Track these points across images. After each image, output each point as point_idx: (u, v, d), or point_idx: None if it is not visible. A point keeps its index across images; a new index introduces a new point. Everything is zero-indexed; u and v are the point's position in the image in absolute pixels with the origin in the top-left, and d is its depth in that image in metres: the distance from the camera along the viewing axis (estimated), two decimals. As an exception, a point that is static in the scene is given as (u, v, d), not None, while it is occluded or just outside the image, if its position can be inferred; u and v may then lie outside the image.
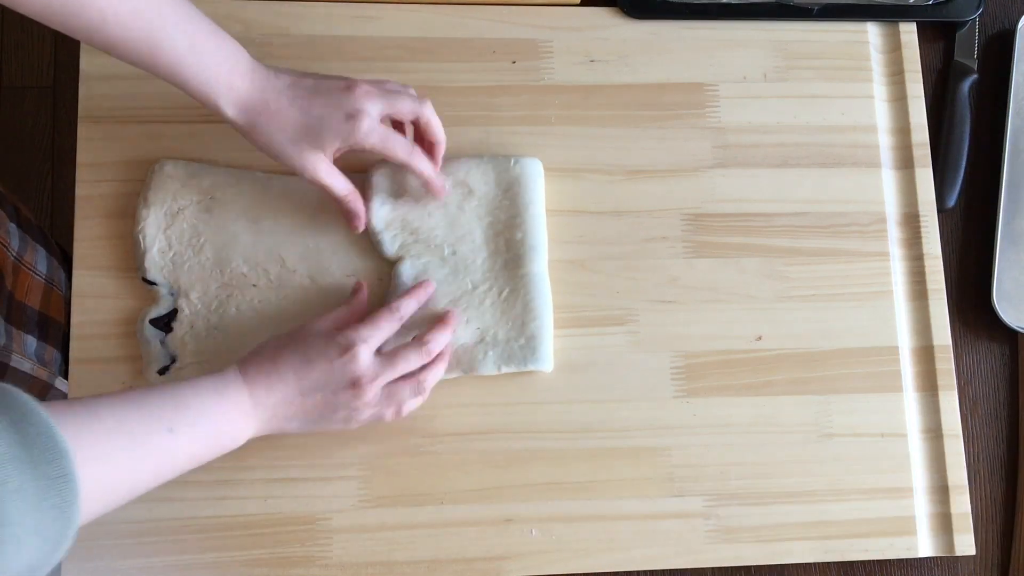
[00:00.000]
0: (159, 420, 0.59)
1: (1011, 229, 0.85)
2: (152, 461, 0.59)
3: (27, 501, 0.48)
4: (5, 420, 0.49)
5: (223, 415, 0.63)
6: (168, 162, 0.78)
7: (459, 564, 0.75)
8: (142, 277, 0.76)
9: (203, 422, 0.62)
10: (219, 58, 0.67)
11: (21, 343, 0.83)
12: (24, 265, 0.84)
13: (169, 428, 0.59)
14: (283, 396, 0.66)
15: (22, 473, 0.48)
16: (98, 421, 0.56)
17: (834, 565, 0.79)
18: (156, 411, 0.60)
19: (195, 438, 0.61)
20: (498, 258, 0.78)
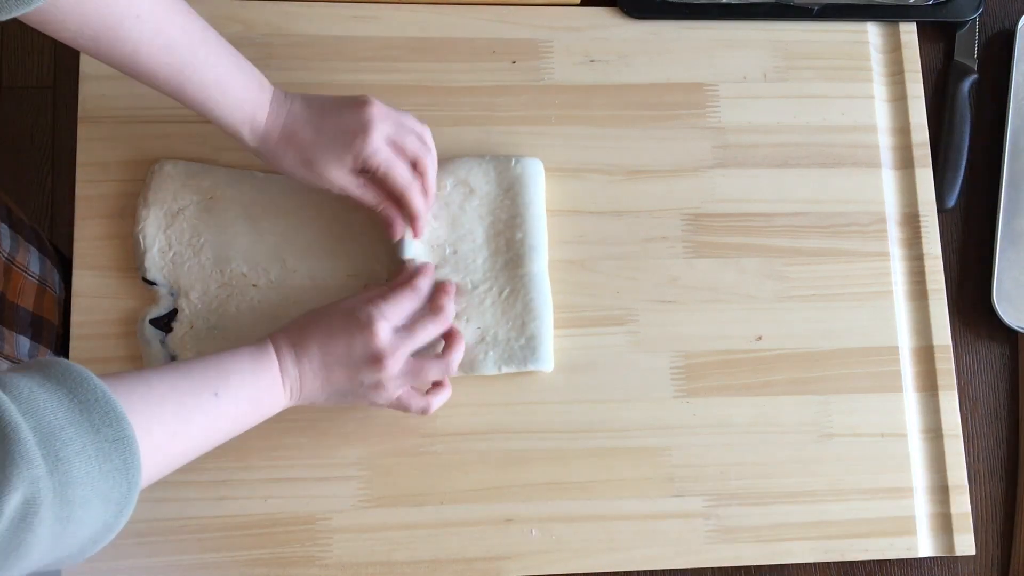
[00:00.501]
0: (205, 385, 0.63)
1: (1011, 229, 0.85)
2: (201, 423, 0.62)
3: (91, 463, 0.50)
4: (63, 389, 0.51)
5: (260, 382, 0.66)
6: (168, 162, 0.78)
7: (459, 564, 0.75)
8: (142, 277, 0.76)
9: (244, 387, 0.65)
10: (243, 92, 0.69)
11: (13, 344, 0.83)
12: (16, 266, 0.84)
13: (215, 392, 0.63)
14: (309, 369, 0.68)
15: (83, 436, 0.50)
16: (149, 388, 0.59)
17: (834, 565, 0.79)
18: (201, 377, 0.63)
19: (238, 402, 0.65)
20: (498, 258, 0.78)
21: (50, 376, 0.52)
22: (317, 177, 0.72)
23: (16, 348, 0.83)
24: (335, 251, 0.78)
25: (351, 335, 0.68)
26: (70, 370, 0.52)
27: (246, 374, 0.65)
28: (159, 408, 0.59)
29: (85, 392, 0.52)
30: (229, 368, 0.65)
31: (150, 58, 0.66)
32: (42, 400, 0.50)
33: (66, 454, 0.49)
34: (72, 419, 0.50)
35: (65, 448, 0.49)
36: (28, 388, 0.50)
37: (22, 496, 0.46)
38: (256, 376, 0.66)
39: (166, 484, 0.73)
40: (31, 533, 0.47)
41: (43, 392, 0.50)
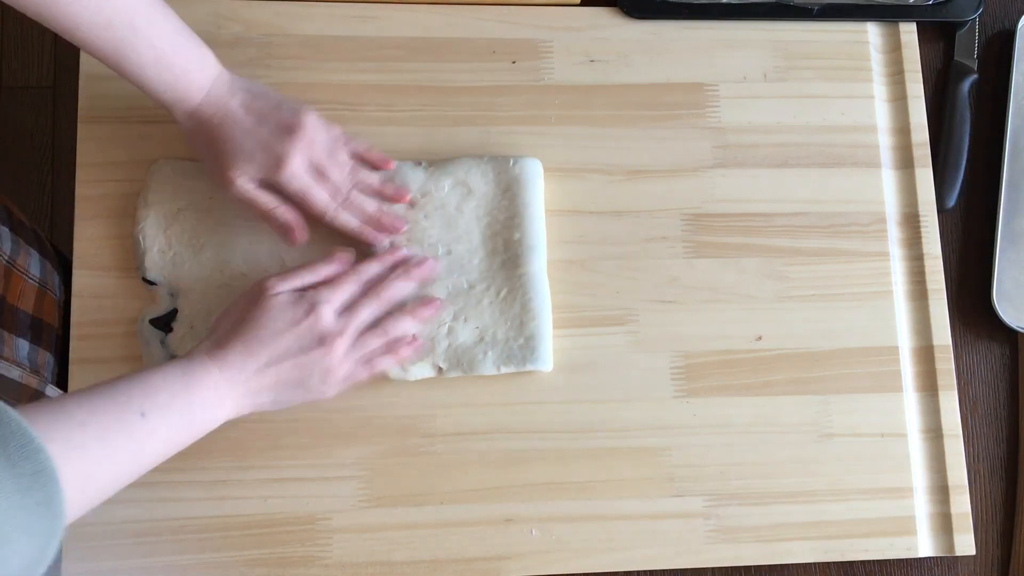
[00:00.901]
0: (129, 405, 0.59)
1: (1011, 229, 0.85)
2: (129, 448, 0.59)
3: (8, 500, 0.48)
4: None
5: (194, 397, 0.63)
6: (167, 162, 0.78)
7: (459, 564, 0.75)
8: (142, 277, 0.76)
9: (175, 404, 0.62)
10: (179, 71, 0.69)
11: (13, 347, 0.83)
12: (17, 269, 0.84)
13: (141, 412, 0.59)
14: (255, 369, 0.65)
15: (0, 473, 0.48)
16: (68, 415, 0.56)
17: (834, 565, 0.79)
18: (125, 397, 0.60)
19: (169, 422, 0.61)
20: (496, 258, 0.78)
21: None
22: (220, 177, 0.72)
23: (15, 351, 0.83)
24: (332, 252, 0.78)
25: (296, 324, 0.67)
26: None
27: (176, 389, 0.62)
28: (79, 434, 0.56)
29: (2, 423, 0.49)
30: (155, 385, 0.61)
31: (90, 32, 0.65)
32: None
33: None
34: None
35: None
36: None
37: None
38: (188, 390, 0.63)
39: (166, 484, 0.73)
40: None
41: None
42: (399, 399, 0.77)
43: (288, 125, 0.71)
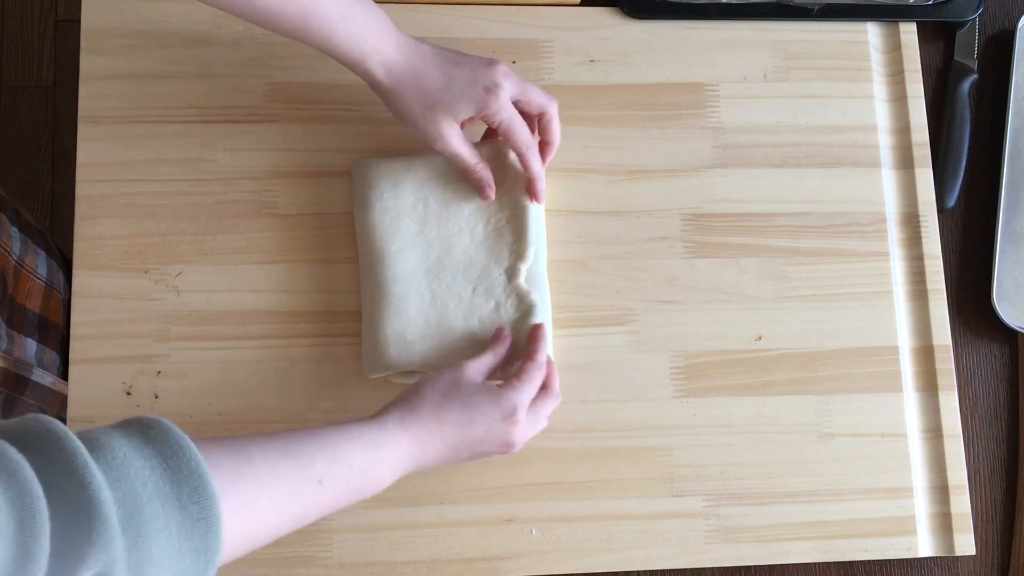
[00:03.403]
0: (310, 471, 0.58)
1: (1011, 229, 0.85)
2: (296, 510, 0.58)
3: (172, 541, 0.47)
4: (158, 457, 0.49)
5: (374, 467, 0.62)
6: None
7: (459, 564, 0.75)
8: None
9: (354, 474, 0.61)
10: (368, 24, 0.69)
11: (22, 347, 0.83)
12: (25, 268, 0.84)
13: (319, 480, 0.58)
14: (438, 451, 0.66)
15: (168, 512, 0.48)
16: (250, 466, 0.55)
17: (834, 565, 0.79)
18: (308, 461, 0.58)
19: (343, 489, 0.61)
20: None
21: (148, 439, 0.49)
22: (431, 124, 0.72)
23: (24, 350, 0.83)
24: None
25: (491, 422, 0.67)
26: (169, 435, 0.50)
27: (361, 459, 0.61)
28: (256, 491, 0.55)
29: (179, 462, 0.49)
30: (343, 452, 0.61)
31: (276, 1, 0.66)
32: (135, 468, 0.48)
33: (147, 530, 0.46)
34: (160, 492, 0.48)
35: (148, 524, 0.47)
36: (123, 452, 0.48)
37: (96, 573, 0.45)
38: (373, 462, 0.62)
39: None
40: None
41: (137, 458, 0.48)
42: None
43: (486, 60, 0.73)
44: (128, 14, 0.81)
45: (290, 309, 0.78)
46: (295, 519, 0.58)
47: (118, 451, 0.48)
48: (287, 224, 0.79)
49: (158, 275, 0.77)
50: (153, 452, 0.49)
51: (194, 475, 0.49)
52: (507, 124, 0.73)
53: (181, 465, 0.49)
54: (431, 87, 0.71)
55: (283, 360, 0.77)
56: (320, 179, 0.80)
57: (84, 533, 0.44)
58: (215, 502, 0.49)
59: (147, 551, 0.46)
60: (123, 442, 0.48)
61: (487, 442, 0.67)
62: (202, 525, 0.49)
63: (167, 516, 0.47)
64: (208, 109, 0.81)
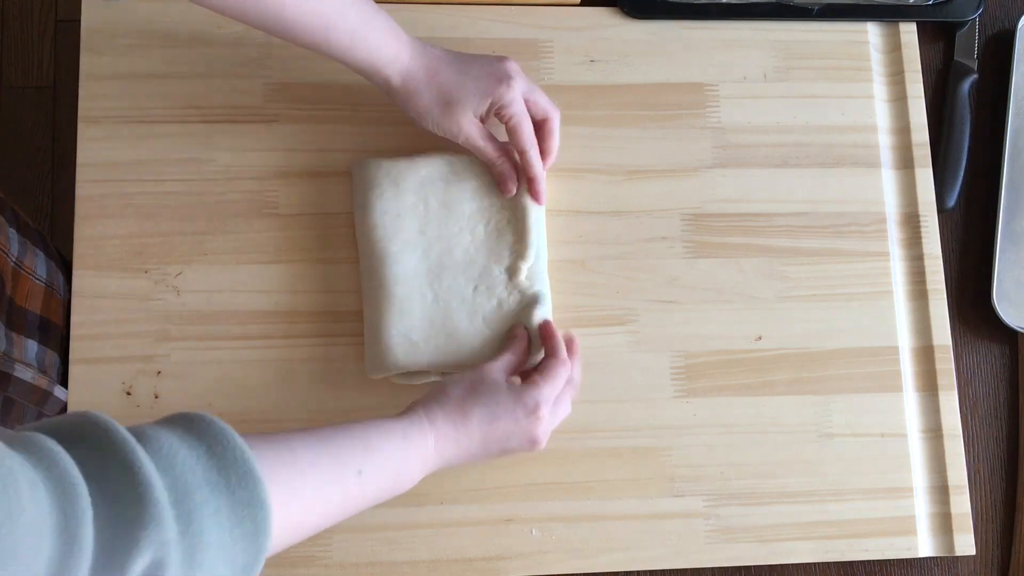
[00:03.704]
0: (351, 461, 0.60)
1: (1011, 229, 0.85)
2: (338, 500, 0.60)
3: (223, 526, 0.48)
4: (203, 445, 0.50)
5: (406, 460, 0.64)
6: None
7: (459, 564, 0.75)
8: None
9: (390, 466, 0.63)
10: (385, 34, 0.72)
11: (22, 348, 0.83)
12: (24, 270, 0.84)
13: (359, 471, 0.60)
14: (466, 448, 0.67)
15: (218, 498, 0.49)
16: (293, 456, 0.57)
17: (834, 565, 0.79)
18: (348, 452, 0.61)
19: (380, 480, 0.62)
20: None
21: (191, 430, 0.50)
22: (451, 120, 0.74)
23: (24, 352, 0.83)
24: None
25: (516, 419, 0.68)
26: (212, 426, 0.51)
27: (394, 451, 0.63)
28: (300, 480, 0.56)
29: (224, 450, 0.50)
30: (379, 444, 0.63)
31: (296, 9, 0.68)
32: (181, 456, 0.48)
33: (199, 515, 0.47)
34: (209, 478, 0.49)
35: (198, 509, 0.47)
36: (169, 443, 0.49)
37: (150, 559, 0.45)
38: (405, 454, 0.64)
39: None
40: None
41: (183, 448, 0.49)
42: (401, 400, 0.76)
43: (497, 56, 0.75)
44: (128, 14, 0.81)
45: (290, 309, 0.78)
46: (337, 509, 0.60)
47: (164, 441, 0.48)
48: (287, 224, 0.79)
49: (158, 275, 0.77)
50: (198, 442, 0.50)
51: (240, 462, 0.50)
52: (517, 118, 0.74)
53: (227, 453, 0.50)
54: (447, 85, 0.73)
55: (283, 360, 0.77)
56: (320, 179, 0.80)
57: (136, 518, 0.45)
58: (262, 486, 0.50)
59: (200, 535, 0.47)
60: (168, 434, 0.49)
61: (512, 438, 0.68)
62: (252, 510, 0.49)
63: (217, 501, 0.48)
64: (208, 109, 0.81)
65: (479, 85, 0.73)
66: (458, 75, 0.73)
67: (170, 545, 0.45)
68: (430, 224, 0.77)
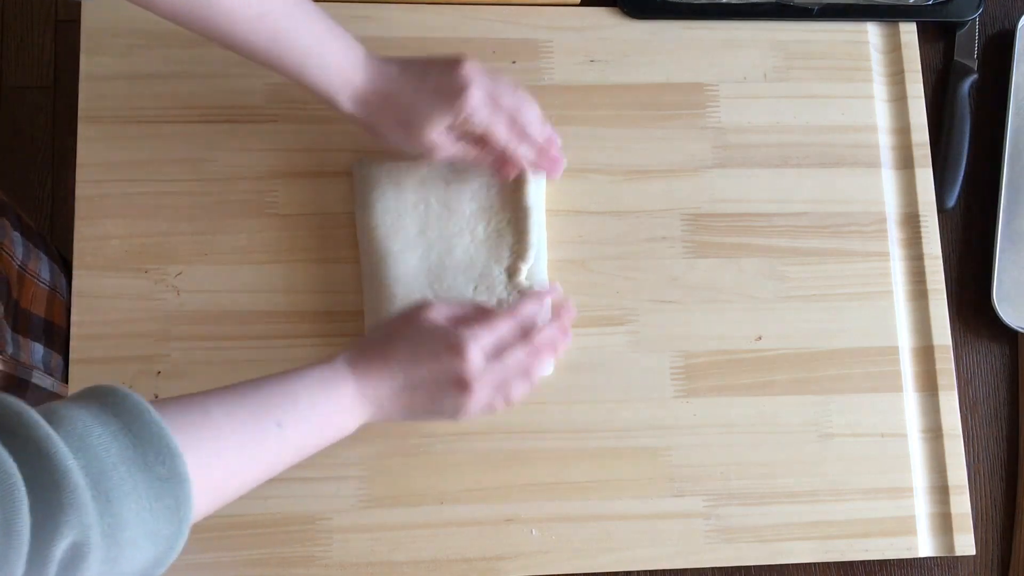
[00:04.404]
0: (268, 415, 0.59)
1: (1011, 229, 0.85)
2: (261, 457, 0.59)
3: (141, 502, 0.48)
4: (118, 422, 0.49)
5: (331, 406, 0.62)
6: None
7: (459, 564, 0.75)
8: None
9: (312, 415, 0.61)
10: (339, 56, 0.69)
11: (29, 352, 0.83)
12: (29, 273, 0.84)
13: (278, 423, 0.59)
14: (390, 389, 0.64)
15: (135, 475, 0.48)
16: (209, 419, 0.56)
17: (834, 565, 0.79)
18: (265, 406, 0.59)
19: (304, 431, 0.61)
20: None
21: (106, 407, 0.50)
22: (414, 139, 0.71)
23: (31, 355, 0.83)
24: None
25: (437, 357, 0.63)
26: (126, 400, 0.51)
27: (316, 399, 0.61)
28: (216, 443, 0.56)
29: (140, 425, 0.50)
30: (296, 393, 0.61)
31: (246, 25, 0.66)
32: (96, 435, 0.48)
33: (117, 495, 0.47)
34: (125, 456, 0.48)
35: (116, 488, 0.47)
36: (83, 423, 0.48)
37: (70, 542, 0.45)
38: (328, 400, 0.62)
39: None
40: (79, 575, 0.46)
41: (97, 426, 0.49)
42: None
43: (449, 62, 0.71)
44: (128, 14, 0.81)
45: (290, 309, 0.78)
46: (264, 466, 0.59)
47: (77, 421, 0.48)
48: (287, 224, 0.79)
49: (158, 275, 0.78)
50: (112, 418, 0.49)
51: (156, 436, 0.50)
52: (485, 124, 0.71)
53: (142, 428, 0.50)
54: (403, 108, 0.70)
55: (283, 360, 0.77)
56: (320, 179, 0.80)
57: (56, 503, 0.45)
58: (180, 460, 0.50)
59: (119, 514, 0.47)
60: (81, 412, 0.49)
61: (437, 381, 0.64)
62: (170, 484, 0.50)
63: (134, 479, 0.48)
64: (208, 109, 0.81)
65: (436, 101, 0.70)
66: (414, 93, 0.70)
67: (91, 527, 0.46)
68: (431, 224, 0.77)
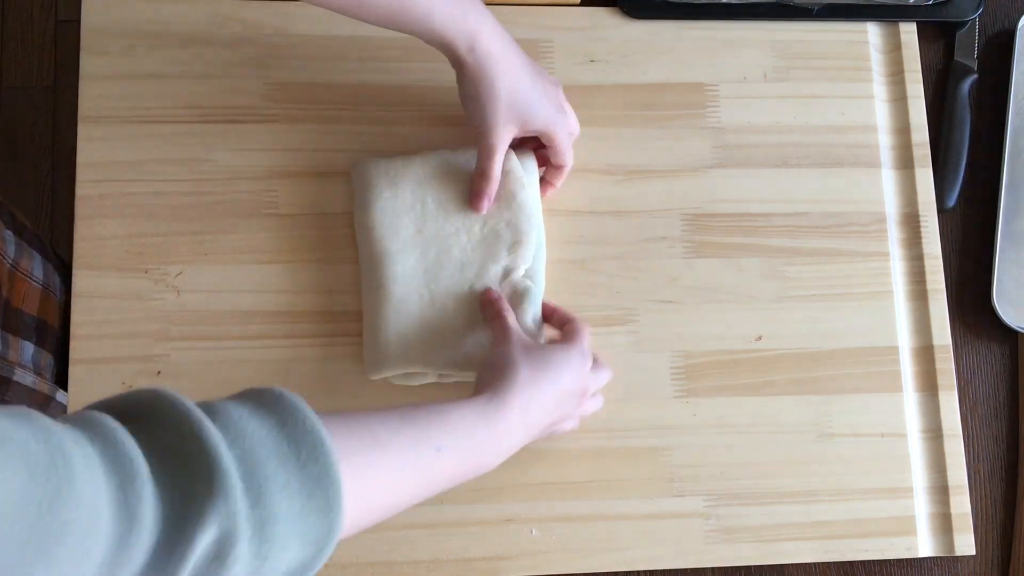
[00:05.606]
0: (428, 438, 0.58)
1: (1011, 229, 0.85)
2: (416, 478, 0.58)
3: (293, 500, 0.47)
4: (274, 418, 0.48)
5: (489, 438, 0.63)
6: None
7: (459, 564, 0.75)
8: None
9: (469, 445, 0.61)
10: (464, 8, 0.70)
11: (19, 350, 0.83)
12: (20, 272, 0.84)
13: (437, 447, 0.58)
14: (539, 417, 0.66)
15: (288, 470, 0.47)
16: (369, 432, 0.55)
17: (834, 565, 0.79)
18: (425, 428, 0.58)
19: (460, 459, 0.61)
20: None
21: (262, 403, 0.49)
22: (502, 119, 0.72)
23: (21, 354, 0.83)
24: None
25: (573, 370, 0.69)
26: (283, 399, 0.50)
27: (476, 429, 0.61)
28: (375, 455, 0.55)
29: (296, 423, 0.49)
30: (455, 422, 0.60)
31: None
32: (251, 429, 0.47)
33: (269, 487, 0.46)
34: (279, 451, 0.47)
35: (269, 481, 0.46)
36: (238, 416, 0.47)
37: (218, 531, 0.44)
38: (486, 431, 0.62)
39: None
40: (226, 571, 0.44)
41: (253, 420, 0.48)
42: (400, 401, 0.77)
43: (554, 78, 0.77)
44: (128, 14, 0.81)
45: (290, 309, 0.78)
46: (416, 488, 0.58)
47: (234, 414, 0.47)
48: (287, 224, 0.79)
49: (158, 275, 0.78)
50: (268, 414, 0.48)
51: (311, 435, 0.48)
52: (565, 144, 0.76)
53: (298, 427, 0.48)
54: (521, 84, 0.72)
55: (283, 360, 0.77)
56: (320, 179, 0.80)
57: (203, 490, 0.43)
58: (334, 462, 0.48)
59: (270, 508, 0.46)
60: (237, 407, 0.48)
61: (570, 396, 0.69)
62: (323, 484, 0.48)
63: (288, 475, 0.47)
64: (208, 109, 0.81)
65: (544, 104, 0.73)
66: (531, 83, 0.73)
67: (239, 516, 0.44)
68: (428, 224, 0.77)
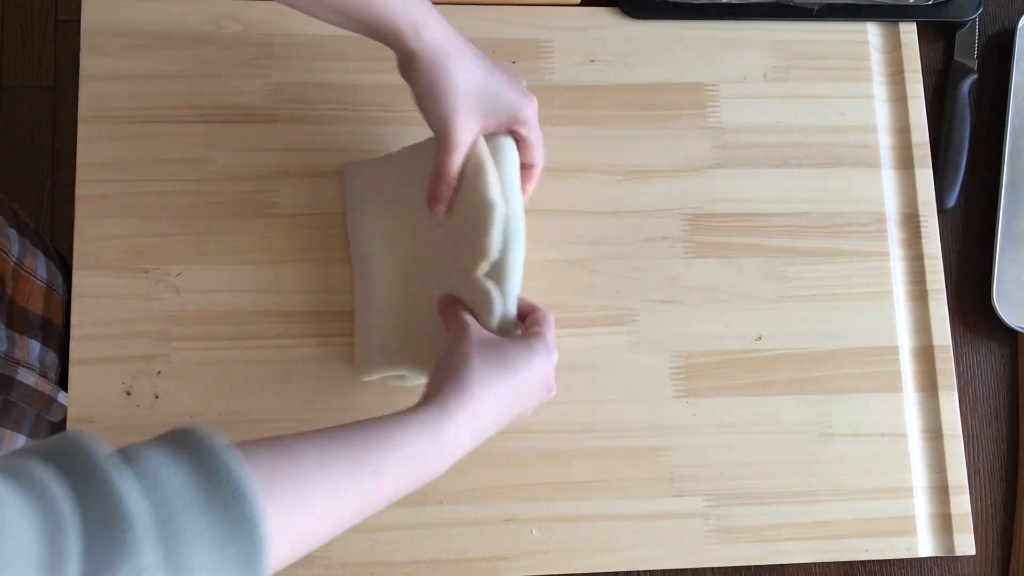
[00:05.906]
0: (365, 463, 0.55)
1: (1011, 229, 0.85)
2: (351, 506, 0.55)
3: (211, 548, 0.45)
4: (193, 462, 0.47)
5: (434, 451, 0.59)
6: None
7: (459, 564, 0.75)
8: None
9: (411, 463, 0.58)
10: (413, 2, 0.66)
11: (25, 349, 0.83)
12: (24, 270, 0.84)
13: (374, 471, 0.55)
14: (496, 418, 0.63)
15: (205, 516, 0.45)
16: (296, 463, 0.53)
17: (834, 565, 0.79)
18: (362, 453, 0.55)
19: (400, 478, 0.57)
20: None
21: (182, 446, 0.47)
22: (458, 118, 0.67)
23: (27, 353, 0.83)
24: None
25: (532, 367, 0.64)
26: (203, 440, 0.48)
27: (419, 444, 0.58)
28: (305, 488, 0.52)
29: (215, 466, 0.47)
30: (397, 442, 0.57)
31: None
32: (167, 474, 0.45)
33: (183, 537, 0.44)
34: (197, 496, 0.45)
35: (184, 531, 0.44)
36: (156, 461, 0.46)
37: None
38: (428, 446, 0.58)
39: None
40: None
41: (171, 465, 0.46)
42: (398, 400, 0.76)
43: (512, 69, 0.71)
44: (128, 14, 0.81)
45: (290, 309, 0.78)
46: (352, 513, 0.56)
47: (149, 460, 0.46)
48: (286, 224, 0.79)
49: (158, 275, 0.78)
50: (187, 458, 0.47)
51: (231, 478, 0.47)
52: (534, 136, 0.71)
53: (218, 469, 0.47)
54: (478, 73, 0.67)
55: (283, 360, 0.77)
56: (320, 179, 0.80)
57: (115, 543, 0.42)
58: (254, 504, 0.46)
59: (185, 559, 0.44)
60: (155, 452, 0.47)
61: (531, 395, 0.65)
62: (243, 529, 0.46)
63: (206, 520, 0.45)
64: (208, 109, 0.81)
65: (505, 92, 0.68)
66: (486, 73, 0.67)
67: (151, 571, 0.43)
68: (406, 224, 0.75)
